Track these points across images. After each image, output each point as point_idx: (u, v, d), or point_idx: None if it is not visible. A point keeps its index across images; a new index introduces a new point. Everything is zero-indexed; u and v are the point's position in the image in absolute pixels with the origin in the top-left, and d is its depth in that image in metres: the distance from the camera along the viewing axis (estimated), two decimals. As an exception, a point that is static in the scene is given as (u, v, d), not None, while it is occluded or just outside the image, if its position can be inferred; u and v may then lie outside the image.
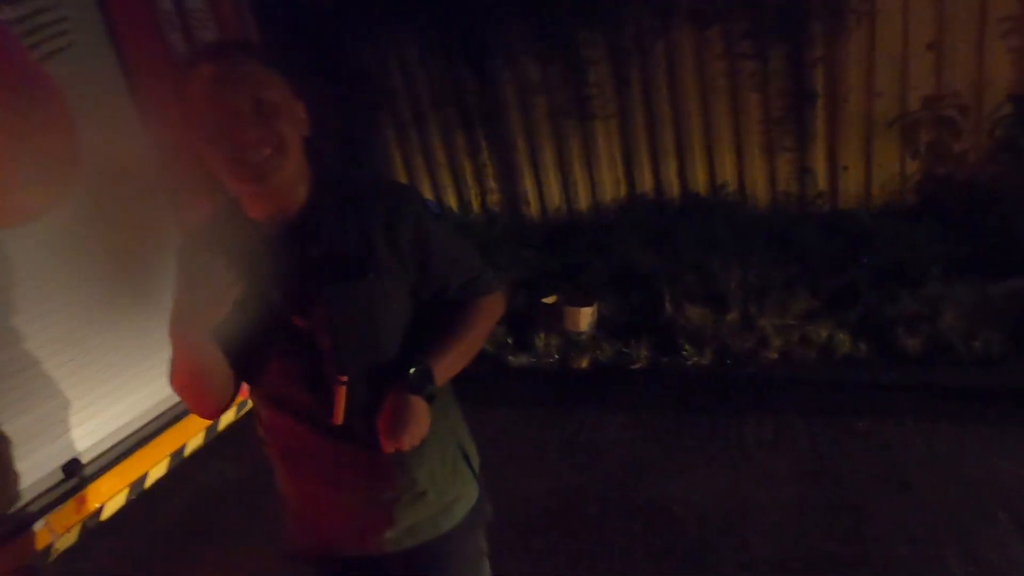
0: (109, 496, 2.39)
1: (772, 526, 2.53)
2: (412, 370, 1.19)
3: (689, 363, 3.87)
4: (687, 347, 3.93)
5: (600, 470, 3.04)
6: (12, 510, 2.11)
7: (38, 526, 2.15)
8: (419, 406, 1.19)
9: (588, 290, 4.60)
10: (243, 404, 2.95)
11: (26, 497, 2.15)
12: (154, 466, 2.56)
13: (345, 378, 1.18)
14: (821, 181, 5.14)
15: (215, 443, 2.88)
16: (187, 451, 2.72)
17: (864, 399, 3.23)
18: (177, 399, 2.68)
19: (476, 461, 1.43)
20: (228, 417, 2.89)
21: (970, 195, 4.61)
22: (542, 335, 4.24)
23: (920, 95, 4.68)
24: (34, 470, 2.17)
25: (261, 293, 1.19)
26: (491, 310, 1.37)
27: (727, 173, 5.40)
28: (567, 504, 2.85)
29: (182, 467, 2.76)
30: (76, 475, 2.27)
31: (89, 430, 2.34)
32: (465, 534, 1.37)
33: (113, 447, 2.43)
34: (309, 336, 1.19)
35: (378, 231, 1.20)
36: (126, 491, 2.46)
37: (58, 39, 2.28)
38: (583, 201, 5.89)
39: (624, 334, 4.18)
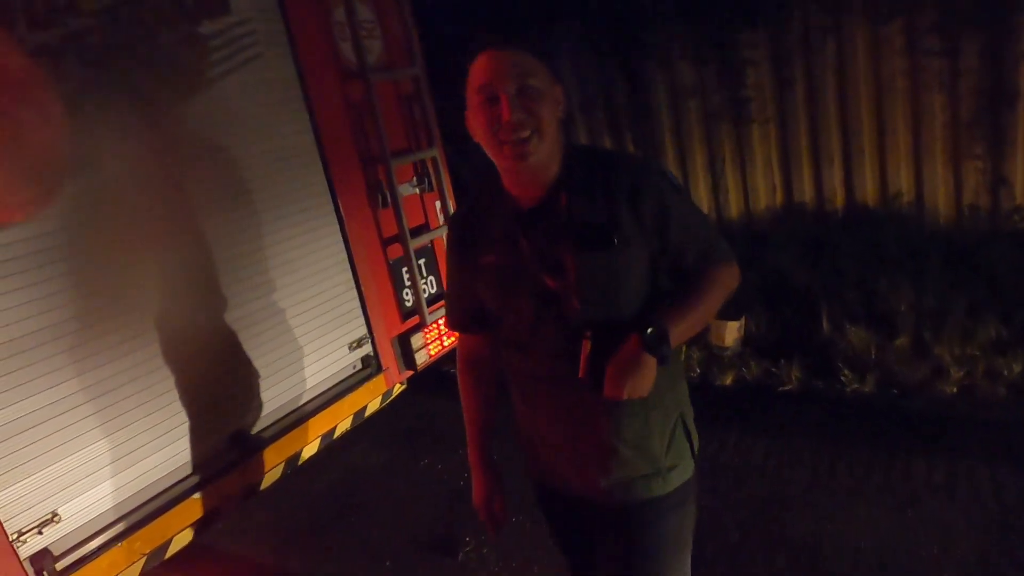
0: (268, 468, 2.59)
1: (943, 584, 2.23)
2: (649, 330, 1.24)
3: (848, 389, 3.53)
4: (846, 372, 3.59)
5: (742, 496, 2.85)
6: (190, 471, 2.36)
7: (210, 487, 2.39)
8: (648, 363, 1.24)
9: (736, 303, 4.34)
10: (387, 394, 3.10)
11: (201, 462, 2.40)
12: (307, 445, 2.75)
13: (589, 333, 1.27)
14: (1019, 194, 4.49)
15: (362, 428, 3.05)
16: (336, 433, 2.90)
17: (1068, 449, 2.77)
18: (330, 384, 2.88)
19: (697, 442, 1.48)
20: (374, 405, 3.05)
21: None
22: (683, 347, 4.06)
23: None
24: (207, 439, 2.41)
25: (519, 261, 1.33)
26: (725, 280, 1.40)
27: (902, 182, 4.89)
28: (704, 529, 2.67)
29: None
30: (242, 446, 2.49)
31: (253, 407, 2.56)
32: (675, 506, 1.43)
33: (272, 425, 2.64)
34: (559, 296, 1.31)
35: (623, 202, 1.28)
36: (283, 465, 2.67)
37: (249, 49, 2.52)
38: (734, 208, 5.60)
39: (774, 352, 3.91)
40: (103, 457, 2.11)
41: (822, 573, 2.37)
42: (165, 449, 2.28)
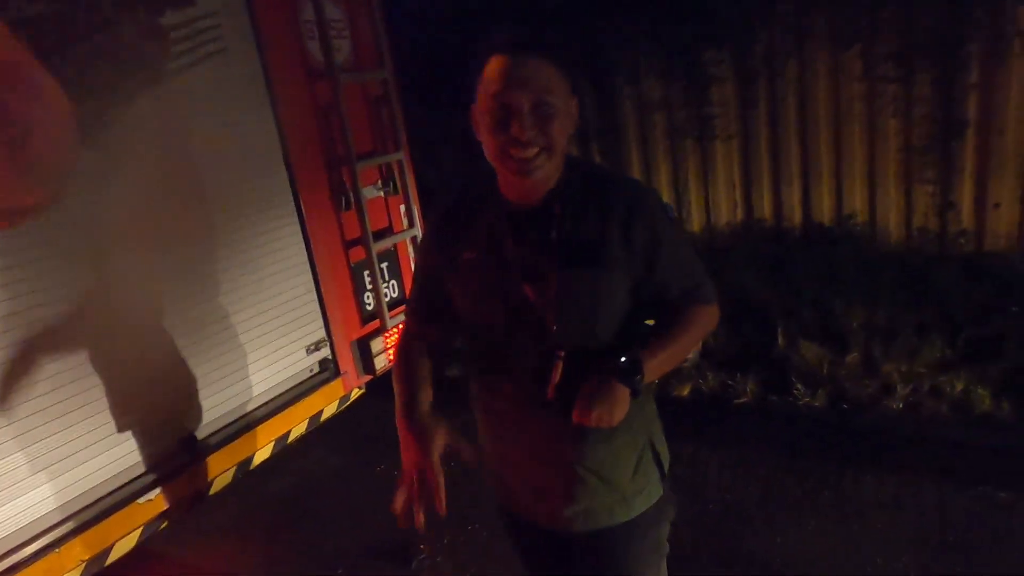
0: (218, 472, 2.53)
1: (887, 596, 2.29)
2: (623, 359, 1.21)
3: (800, 404, 3.61)
4: (799, 386, 3.67)
5: (695, 509, 2.88)
6: (135, 475, 2.28)
7: (157, 492, 2.31)
8: (620, 392, 1.21)
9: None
10: (345, 399, 3.06)
11: (148, 465, 2.32)
12: (260, 449, 2.69)
13: (563, 353, 1.24)
14: (966, 218, 4.68)
15: (317, 432, 2.99)
16: (291, 438, 2.84)
17: (1007, 466, 2.87)
18: (286, 387, 2.82)
19: (667, 461, 1.45)
20: (330, 409, 3.00)
21: None
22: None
23: (1093, 128, 4.16)
24: (155, 442, 2.34)
25: (501, 264, 1.28)
26: (705, 321, 1.38)
27: (856, 203, 5.04)
28: (657, 539, 2.72)
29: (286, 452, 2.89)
30: (191, 450, 2.42)
31: (204, 410, 2.49)
32: (643, 529, 1.40)
33: (224, 428, 2.57)
34: (535, 310, 1.26)
35: (615, 225, 1.24)
36: (234, 469, 2.60)
37: (213, 44, 2.47)
38: (696, 222, 5.70)
39: (731, 366, 3.98)
40: (41, 459, 2.03)
41: (772, 585, 2.41)
42: (109, 451, 2.20)
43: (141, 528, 2.29)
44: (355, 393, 3.13)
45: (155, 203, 2.31)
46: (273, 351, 2.73)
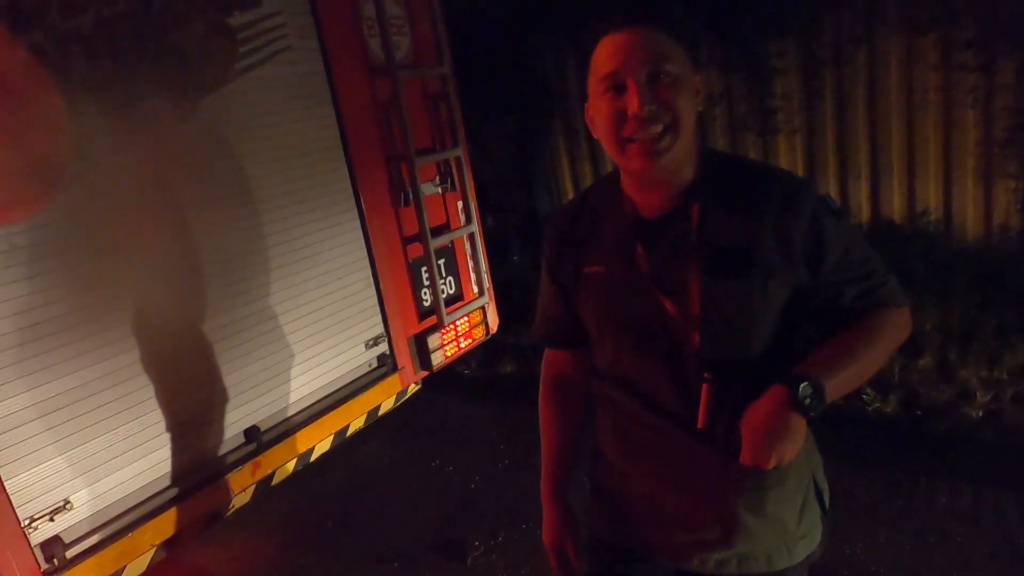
0: (280, 463, 2.59)
1: (966, 614, 2.17)
2: (803, 384, 1.01)
3: (870, 409, 3.46)
4: (868, 391, 3.52)
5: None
6: (202, 464, 2.35)
7: (222, 481, 2.38)
8: (798, 425, 1.01)
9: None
10: (402, 394, 3.08)
11: (214, 455, 2.39)
12: (319, 442, 2.74)
13: (709, 376, 1.08)
14: (1052, 215, 4.40)
15: (374, 426, 3.03)
16: (349, 431, 2.88)
17: (1099, 481, 2.69)
18: (346, 382, 2.86)
19: (827, 494, 1.28)
20: (388, 404, 3.03)
21: None
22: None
23: None
24: (221, 432, 2.40)
25: (632, 276, 1.14)
26: (895, 326, 1.14)
27: (931, 199, 4.80)
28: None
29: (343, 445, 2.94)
30: (255, 441, 2.48)
31: (267, 403, 2.55)
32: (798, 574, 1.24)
33: (285, 420, 2.62)
34: (676, 326, 1.11)
35: (768, 225, 1.07)
36: (295, 461, 2.66)
37: (277, 42, 2.51)
38: (756, 220, 5.53)
39: (794, 367, 3.84)
40: (117, 446, 2.11)
41: (840, 597, 2.32)
42: (179, 440, 2.27)
43: (206, 515, 2.37)
44: (412, 388, 3.15)
45: (217, 198, 2.37)
46: (333, 345, 2.77)
